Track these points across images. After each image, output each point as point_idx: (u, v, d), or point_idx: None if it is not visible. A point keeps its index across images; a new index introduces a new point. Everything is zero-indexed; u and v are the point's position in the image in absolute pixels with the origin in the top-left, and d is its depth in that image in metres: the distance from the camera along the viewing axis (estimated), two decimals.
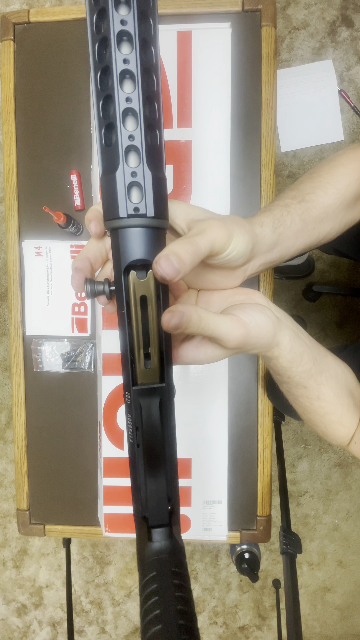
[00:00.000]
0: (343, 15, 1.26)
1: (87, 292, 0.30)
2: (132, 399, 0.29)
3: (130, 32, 0.23)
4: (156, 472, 0.30)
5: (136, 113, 0.24)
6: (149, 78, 0.24)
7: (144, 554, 0.29)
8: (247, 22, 0.62)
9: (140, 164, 0.25)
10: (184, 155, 0.63)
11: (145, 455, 0.30)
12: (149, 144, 0.25)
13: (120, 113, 0.24)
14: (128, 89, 0.24)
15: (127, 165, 0.25)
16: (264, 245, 0.37)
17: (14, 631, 1.56)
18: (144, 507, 0.31)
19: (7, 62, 0.66)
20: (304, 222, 0.40)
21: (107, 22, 0.23)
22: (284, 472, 0.84)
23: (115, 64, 0.23)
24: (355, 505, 1.41)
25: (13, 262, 0.68)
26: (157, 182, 0.26)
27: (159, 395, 0.30)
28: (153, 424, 0.29)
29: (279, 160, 1.29)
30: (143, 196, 0.26)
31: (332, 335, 1.39)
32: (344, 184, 0.42)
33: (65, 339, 0.69)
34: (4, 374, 1.44)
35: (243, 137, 0.63)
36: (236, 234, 0.32)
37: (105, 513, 0.67)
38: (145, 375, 0.29)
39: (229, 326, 0.31)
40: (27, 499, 0.71)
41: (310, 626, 1.48)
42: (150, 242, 0.27)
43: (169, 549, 0.29)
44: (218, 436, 0.66)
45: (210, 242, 0.30)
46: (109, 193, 0.26)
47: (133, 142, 0.25)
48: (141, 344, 0.29)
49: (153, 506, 0.30)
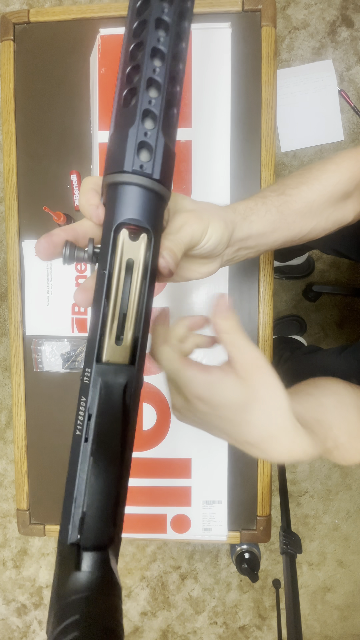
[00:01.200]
0: (343, 15, 1.26)
1: (65, 256, 0.27)
2: (92, 377, 0.25)
3: (168, 22, 0.24)
4: (105, 476, 0.23)
5: (160, 85, 0.25)
6: (177, 64, 0.25)
7: (65, 589, 0.21)
8: (247, 22, 0.62)
9: (156, 127, 0.25)
10: (184, 155, 0.63)
11: (95, 453, 0.24)
12: (166, 115, 0.25)
13: (146, 79, 0.24)
14: (157, 63, 0.25)
15: (142, 125, 0.25)
16: (237, 231, 0.38)
17: (14, 631, 1.56)
18: (75, 527, 0.23)
19: (7, 62, 0.66)
20: (281, 214, 0.40)
21: (150, 9, 0.24)
22: (284, 472, 0.84)
23: (150, 40, 0.24)
24: (355, 505, 1.41)
25: (13, 262, 0.68)
26: (167, 150, 0.26)
27: (125, 378, 0.25)
28: (112, 412, 0.24)
29: (279, 160, 1.29)
30: (152, 157, 0.25)
31: (332, 335, 1.39)
32: (332, 181, 0.42)
33: (65, 339, 0.69)
34: (4, 374, 1.44)
35: (243, 137, 0.63)
36: (211, 224, 0.34)
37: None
38: (114, 352, 0.25)
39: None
40: (27, 499, 0.71)
41: (310, 626, 1.48)
42: (149, 206, 0.26)
43: (102, 582, 0.21)
44: None
45: (190, 236, 0.32)
46: (117, 147, 0.25)
47: (152, 108, 0.25)
48: (116, 314, 0.25)
49: (92, 522, 0.23)
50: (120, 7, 0.64)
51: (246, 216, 0.39)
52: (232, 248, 0.39)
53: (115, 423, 0.24)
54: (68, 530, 0.23)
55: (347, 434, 0.37)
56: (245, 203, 0.40)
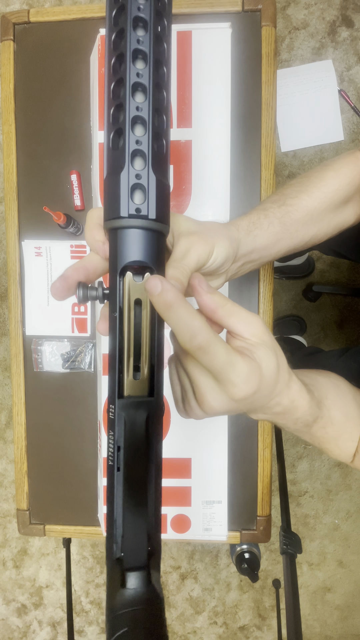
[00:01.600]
0: (343, 15, 1.26)
1: (79, 297, 0.29)
2: (116, 412, 0.27)
3: (145, 51, 0.24)
4: (137, 502, 0.25)
5: (145, 121, 0.25)
6: (159, 93, 0.26)
7: (114, 603, 0.23)
8: (247, 22, 0.62)
9: (146, 167, 0.25)
10: (184, 155, 0.63)
11: (126, 482, 0.26)
12: (155, 151, 0.26)
13: (130, 119, 0.25)
14: (139, 99, 0.25)
15: (132, 167, 0.25)
16: (241, 247, 0.38)
17: (14, 631, 1.56)
18: (118, 546, 0.26)
19: (7, 62, 0.66)
20: (284, 225, 0.41)
21: (125, 41, 0.24)
22: (284, 472, 0.84)
23: (129, 76, 0.24)
24: (355, 505, 1.41)
25: (13, 262, 0.68)
26: (160, 186, 0.26)
27: (146, 410, 0.27)
28: (137, 443, 0.26)
29: (279, 160, 1.29)
30: (146, 198, 0.26)
31: (332, 336, 1.39)
32: (332, 187, 0.43)
33: (65, 339, 0.69)
34: (4, 374, 1.44)
35: (243, 137, 0.63)
36: (217, 245, 0.34)
37: (105, 513, 0.67)
38: (133, 387, 0.27)
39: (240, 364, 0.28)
40: (27, 499, 0.71)
41: (310, 626, 1.48)
42: (149, 245, 0.27)
43: (145, 598, 0.24)
44: (218, 436, 0.66)
45: (196, 260, 0.32)
46: (112, 193, 0.26)
47: (140, 147, 0.25)
48: (131, 352, 0.27)
49: (130, 544, 0.25)
50: None
51: (250, 231, 0.39)
52: (237, 263, 0.39)
53: (140, 453, 0.26)
54: (113, 548, 0.26)
55: (343, 414, 0.38)
56: (247, 218, 0.40)
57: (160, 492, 0.28)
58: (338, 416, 0.37)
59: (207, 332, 0.26)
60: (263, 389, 0.29)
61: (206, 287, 0.30)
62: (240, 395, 0.28)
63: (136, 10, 0.24)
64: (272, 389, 0.31)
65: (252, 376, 0.28)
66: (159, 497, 0.27)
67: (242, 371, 0.28)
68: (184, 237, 0.33)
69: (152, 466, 0.27)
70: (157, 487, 0.27)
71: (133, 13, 0.24)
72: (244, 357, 0.28)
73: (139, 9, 0.24)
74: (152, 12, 0.24)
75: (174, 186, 0.63)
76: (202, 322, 0.26)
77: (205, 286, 0.30)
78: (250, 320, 0.30)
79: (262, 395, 0.30)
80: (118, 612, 0.23)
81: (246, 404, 0.30)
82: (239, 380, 0.28)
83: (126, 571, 0.25)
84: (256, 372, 0.28)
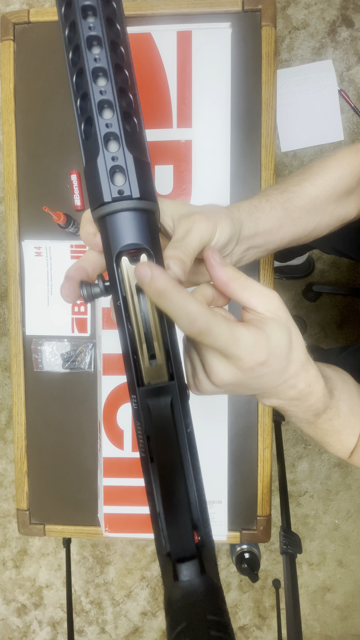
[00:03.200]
0: (343, 15, 1.26)
1: (84, 296, 0.28)
2: (139, 402, 0.26)
3: (99, 36, 0.24)
4: (176, 491, 0.25)
5: (111, 103, 0.24)
6: (121, 73, 0.25)
7: (171, 598, 0.23)
8: (247, 22, 0.62)
9: (120, 147, 0.25)
10: (184, 155, 0.63)
11: (160, 471, 0.25)
12: (128, 131, 0.25)
13: (96, 104, 0.24)
14: (101, 83, 0.25)
15: (107, 150, 0.25)
16: (244, 228, 0.37)
17: (14, 631, 1.56)
18: (166, 539, 0.25)
19: (7, 62, 0.65)
20: (286, 210, 0.40)
21: (77, 32, 0.24)
22: (284, 472, 0.84)
23: (87, 63, 0.24)
24: (355, 505, 1.41)
25: (13, 262, 0.68)
26: (139, 164, 0.25)
27: (169, 394, 0.26)
28: (166, 430, 0.25)
29: (279, 160, 1.29)
30: (126, 178, 0.25)
31: (332, 336, 1.39)
32: (334, 176, 0.42)
33: (65, 339, 0.69)
34: (4, 374, 1.44)
35: (243, 137, 0.63)
36: (219, 223, 0.33)
37: (105, 513, 0.67)
38: (152, 373, 0.26)
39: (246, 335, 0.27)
40: (27, 499, 0.71)
41: (310, 626, 1.48)
42: (140, 225, 0.26)
43: (202, 588, 0.23)
44: (218, 436, 0.66)
45: (199, 238, 0.31)
46: (92, 181, 0.25)
47: (111, 129, 0.25)
48: (143, 338, 0.26)
49: (175, 536, 0.24)
50: None
51: (251, 213, 0.38)
52: (241, 247, 0.38)
53: (170, 440, 0.25)
54: (162, 542, 0.25)
55: (349, 407, 0.37)
56: (249, 202, 0.39)
57: (200, 478, 0.27)
58: (345, 409, 0.36)
59: (205, 315, 0.25)
60: (273, 362, 0.28)
61: (219, 259, 0.29)
62: (248, 365, 0.27)
63: (82, 0, 0.24)
64: (284, 366, 0.30)
65: (259, 346, 0.27)
66: (200, 483, 0.26)
67: (247, 344, 0.27)
68: (185, 218, 0.32)
69: (184, 451, 0.26)
70: (196, 473, 0.26)
71: (80, 3, 0.24)
72: (249, 327, 0.28)
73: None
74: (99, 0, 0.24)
75: (174, 186, 0.63)
76: (199, 306, 0.25)
77: (219, 258, 0.29)
78: (265, 294, 0.29)
79: (273, 370, 0.29)
80: (175, 605, 0.23)
81: (256, 377, 0.29)
82: (245, 353, 0.27)
83: (177, 563, 0.24)
84: (262, 341, 0.27)
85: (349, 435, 0.38)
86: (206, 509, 0.26)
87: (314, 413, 0.34)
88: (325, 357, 0.90)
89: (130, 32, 0.62)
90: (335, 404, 0.35)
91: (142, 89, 0.62)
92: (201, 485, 0.27)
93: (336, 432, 0.37)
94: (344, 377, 0.40)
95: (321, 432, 0.37)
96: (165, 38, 0.62)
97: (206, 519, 0.26)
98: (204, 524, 0.26)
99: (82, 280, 0.30)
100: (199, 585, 0.23)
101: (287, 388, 0.31)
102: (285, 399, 0.33)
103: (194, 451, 0.27)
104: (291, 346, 0.30)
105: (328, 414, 0.35)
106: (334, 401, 0.35)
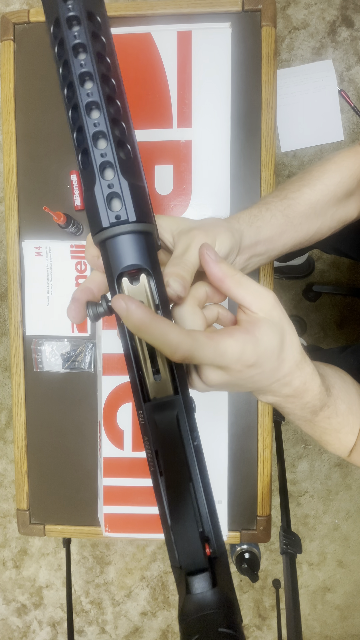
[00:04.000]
0: (343, 15, 1.26)
1: (90, 316, 0.29)
2: (146, 417, 0.27)
3: (90, 72, 0.26)
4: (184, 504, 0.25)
5: (105, 133, 0.26)
6: (113, 105, 0.27)
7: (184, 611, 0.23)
8: (247, 22, 0.62)
9: (115, 175, 0.26)
10: (184, 155, 0.63)
11: (168, 485, 0.26)
12: (122, 158, 0.27)
13: (91, 136, 0.26)
14: (95, 115, 0.26)
15: (103, 179, 0.26)
16: (245, 238, 0.37)
17: (14, 631, 1.56)
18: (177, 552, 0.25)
19: (7, 62, 0.65)
20: (287, 217, 0.41)
21: (70, 70, 0.26)
22: (284, 472, 0.84)
23: (80, 98, 0.26)
24: (355, 505, 1.41)
25: (13, 262, 0.68)
26: (134, 188, 0.27)
27: (174, 409, 0.27)
28: (172, 443, 0.26)
29: (279, 160, 1.29)
30: (122, 203, 0.27)
31: (332, 336, 1.39)
32: (334, 180, 0.43)
33: (65, 339, 0.69)
34: (4, 374, 1.44)
35: (243, 137, 0.63)
36: (218, 236, 0.33)
37: (105, 513, 0.67)
38: (157, 388, 0.27)
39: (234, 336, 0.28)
40: (27, 499, 0.71)
41: (310, 626, 1.48)
42: (138, 247, 0.27)
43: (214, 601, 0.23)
44: (218, 436, 0.66)
45: (198, 254, 0.31)
46: (91, 208, 0.27)
47: (106, 158, 0.26)
48: (146, 355, 0.27)
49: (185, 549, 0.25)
50: (120, 7, 0.64)
51: (251, 223, 0.39)
52: (243, 256, 0.39)
53: (178, 453, 0.26)
54: (175, 555, 0.25)
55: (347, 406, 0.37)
56: (248, 211, 0.40)
57: (210, 491, 0.27)
58: (343, 407, 0.36)
59: (186, 343, 0.25)
60: (263, 363, 0.29)
61: (214, 256, 0.29)
62: (236, 368, 0.28)
63: (73, 38, 0.26)
64: (276, 366, 0.30)
65: (246, 352, 0.28)
66: (210, 495, 0.27)
67: (234, 353, 0.27)
68: (184, 234, 0.33)
69: (192, 464, 0.27)
70: (205, 486, 0.27)
71: (71, 42, 0.26)
72: (235, 336, 0.28)
73: (74, 36, 0.26)
74: (88, 36, 0.26)
75: (174, 186, 0.63)
76: (178, 334, 0.25)
77: (213, 255, 0.29)
78: (260, 292, 0.29)
79: (264, 371, 0.29)
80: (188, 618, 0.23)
81: (246, 378, 0.30)
82: (232, 362, 0.28)
83: (188, 576, 0.24)
84: (249, 346, 0.28)
85: (347, 434, 0.38)
86: (217, 521, 0.27)
87: (311, 411, 0.35)
88: (325, 357, 0.90)
89: (130, 32, 0.62)
90: (333, 402, 0.36)
91: (142, 89, 0.62)
92: (211, 497, 0.27)
93: (334, 431, 0.37)
94: (343, 376, 0.40)
95: (319, 430, 0.37)
96: (165, 38, 0.62)
97: (218, 531, 0.26)
98: (216, 536, 0.26)
99: (88, 300, 0.31)
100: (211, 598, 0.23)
101: (282, 386, 0.32)
102: (281, 397, 0.33)
103: (202, 464, 0.27)
104: (283, 346, 0.30)
105: (326, 412, 0.35)
106: (331, 399, 0.35)
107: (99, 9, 0.27)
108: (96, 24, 0.26)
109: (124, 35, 0.62)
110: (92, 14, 0.26)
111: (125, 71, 0.62)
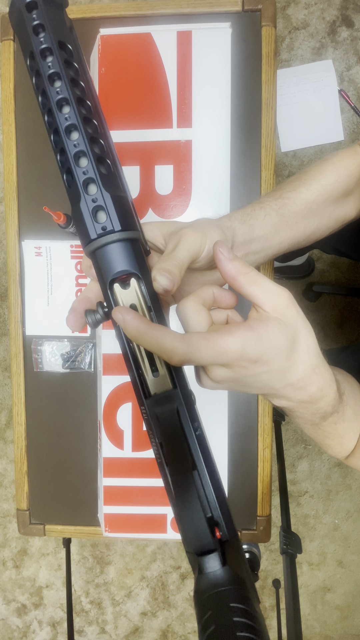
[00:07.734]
0: (343, 15, 1.26)
1: (89, 323, 0.31)
2: (148, 412, 0.28)
3: (66, 97, 0.28)
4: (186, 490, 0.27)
5: (85, 152, 0.28)
6: (90, 124, 0.29)
7: (198, 589, 0.25)
8: (247, 22, 0.62)
9: (98, 189, 0.28)
10: (184, 155, 0.63)
11: (173, 475, 0.27)
12: (103, 173, 0.29)
13: (72, 156, 0.28)
14: (74, 136, 0.29)
15: (87, 194, 0.28)
16: (238, 235, 0.38)
17: (14, 631, 1.56)
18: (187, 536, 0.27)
19: (7, 62, 0.65)
20: (281, 216, 0.41)
21: (48, 97, 0.28)
22: (284, 472, 0.84)
23: (60, 122, 0.28)
24: (355, 505, 1.41)
25: (13, 262, 0.68)
26: (117, 200, 0.29)
27: (174, 402, 0.28)
28: (174, 435, 0.27)
29: (279, 160, 1.29)
30: (107, 215, 0.28)
31: (332, 336, 1.39)
32: (331, 180, 0.43)
33: (65, 339, 0.69)
34: (4, 374, 1.44)
35: (243, 137, 0.63)
36: (208, 233, 0.34)
37: (105, 513, 0.67)
38: (156, 384, 0.29)
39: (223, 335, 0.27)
40: (27, 499, 0.71)
41: (310, 626, 1.48)
42: (125, 253, 0.29)
43: (226, 579, 0.24)
44: (218, 436, 0.66)
45: (187, 249, 0.32)
46: (79, 222, 0.29)
47: (88, 175, 0.28)
48: (144, 353, 0.29)
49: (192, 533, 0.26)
50: (120, 7, 0.64)
51: (244, 221, 0.39)
52: (238, 253, 0.39)
53: (180, 443, 0.27)
54: (187, 540, 0.27)
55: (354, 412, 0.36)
56: (242, 210, 0.40)
57: (217, 478, 0.28)
58: (350, 413, 0.36)
59: (182, 347, 0.26)
60: (269, 361, 0.28)
61: (227, 253, 0.29)
62: (240, 365, 0.28)
63: (47, 69, 0.28)
64: (286, 367, 0.29)
65: (247, 347, 0.27)
66: (218, 482, 0.28)
67: (233, 351, 0.27)
68: (174, 234, 0.33)
69: (196, 453, 0.28)
70: (211, 472, 0.28)
71: (46, 72, 0.28)
72: (236, 333, 0.27)
73: (49, 67, 0.28)
74: (62, 65, 0.28)
75: (174, 186, 0.63)
76: (173, 340, 0.26)
77: (227, 252, 0.29)
78: (274, 291, 0.29)
79: (271, 370, 0.29)
80: (202, 596, 0.24)
81: (252, 376, 0.29)
82: (233, 359, 0.27)
83: (199, 557, 0.26)
84: (252, 342, 0.27)
85: (350, 439, 0.37)
86: (226, 506, 0.28)
87: (321, 416, 0.34)
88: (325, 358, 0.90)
89: (130, 32, 0.62)
90: (342, 408, 0.35)
91: (142, 89, 0.62)
92: (219, 484, 0.28)
93: (338, 435, 0.37)
94: (351, 381, 0.40)
95: (323, 434, 0.37)
96: (165, 38, 0.62)
97: (227, 516, 0.27)
98: (225, 520, 0.27)
99: (86, 309, 0.32)
100: (222, 576, 0.24)
101: (297, 390, 0.31)
102: (296, 402, 0.32)
103: (206, 452, 0.29)
104: (295, 347, 0.29)
105: (334, 418, 0.35)
106: (341, 405, 0.35)
107: (69, 37, 0.29)
108: (67, 52, 0.28)
109: (124, 35, 0.62)
110: (63, 43, 0.28)
111: (125, 71, 0.63)
